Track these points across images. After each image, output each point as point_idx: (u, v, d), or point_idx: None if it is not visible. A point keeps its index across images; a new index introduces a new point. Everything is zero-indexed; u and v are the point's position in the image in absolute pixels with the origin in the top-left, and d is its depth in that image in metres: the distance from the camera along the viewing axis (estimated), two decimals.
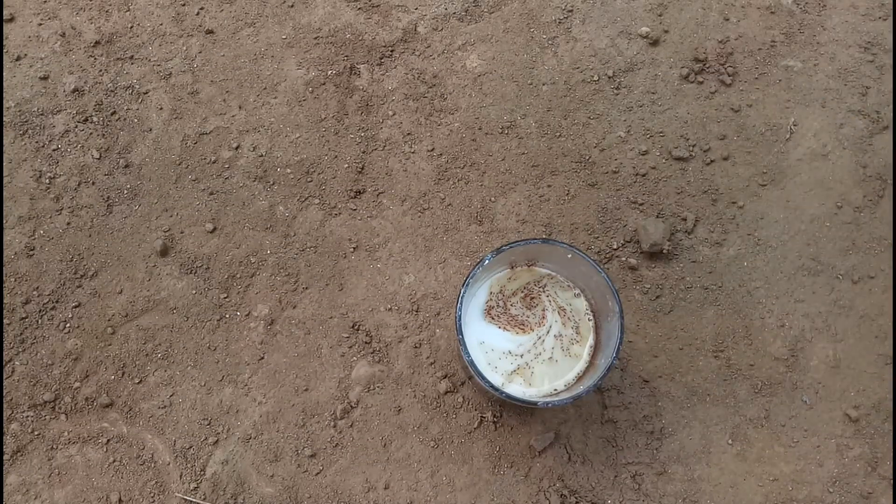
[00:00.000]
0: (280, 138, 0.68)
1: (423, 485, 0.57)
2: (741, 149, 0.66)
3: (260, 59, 0.71)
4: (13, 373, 0.60)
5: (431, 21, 0.73)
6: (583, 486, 0.56)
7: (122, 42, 0.72)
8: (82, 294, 0.62)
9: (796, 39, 0.70)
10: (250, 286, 0.63)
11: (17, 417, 0.58)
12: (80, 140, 0.68)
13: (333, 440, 0.58)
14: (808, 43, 0.70)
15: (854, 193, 0.64)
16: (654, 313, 0.61)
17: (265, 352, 0.61)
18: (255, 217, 0.65)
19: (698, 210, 0.64)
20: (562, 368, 0.51)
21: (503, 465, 0.57)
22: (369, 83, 0.70)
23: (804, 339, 0.60)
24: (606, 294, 0.48)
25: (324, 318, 0.62)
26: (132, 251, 0.64)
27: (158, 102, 0.69)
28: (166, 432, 0.58)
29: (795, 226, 0.64)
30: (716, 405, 0.58)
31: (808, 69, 0.69)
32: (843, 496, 0.56)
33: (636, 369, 0.59)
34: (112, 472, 0.57)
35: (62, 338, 0.61)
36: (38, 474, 0.57)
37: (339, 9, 0.73)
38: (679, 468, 0.57)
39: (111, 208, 0.65)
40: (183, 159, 0.67)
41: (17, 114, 0.68)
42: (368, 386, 0.59)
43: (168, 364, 0.60)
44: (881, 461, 0.57)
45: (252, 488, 0.56)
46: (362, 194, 0.66)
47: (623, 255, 0.63)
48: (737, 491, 0.56)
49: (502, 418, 0.58)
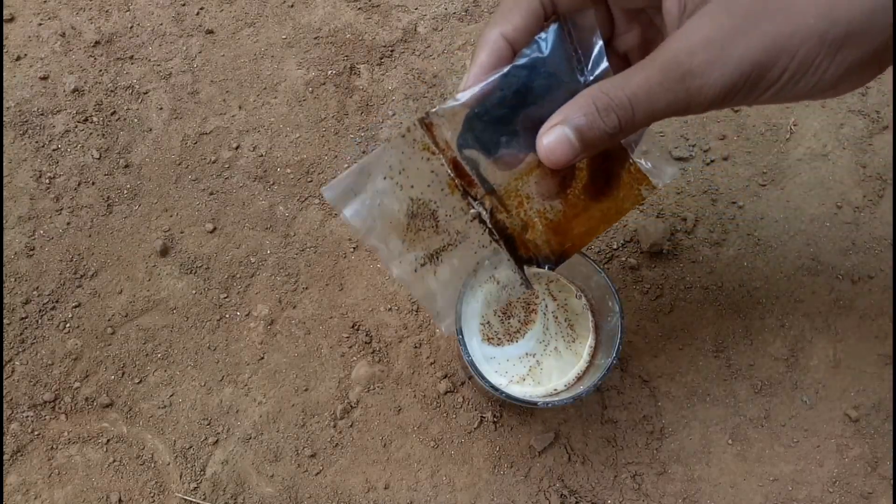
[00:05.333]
0: (280, 138, 0.68)
1: (423, 485, 0.57)
2: (741, 149, 0.66)
3: (260, 59, 0.71)
4: (13, 373, 0.60)
5: (431, 21, 0.73)
6: (583, 486, 0.56)
7: (122, 42, 0.72)
8: (82, 294, 0.62)
9: None
10: (250, 286, 0.63)
11: (17, 417, 0.58)
12: (80, 140, 0.68)
13: (333, 440, 0.58)
14: None
15: (854, 193, 0.64)
16: (654, 313, 0.61)
17: (265, 352, 0.61)
18: (255, 217, 0.65)
19: (698, 210, 0.64)
20: (567, 362, 0.50)
21: (503, 465, 0.57)
22: (369, 83, 0.70)
23: (804, 339, 0.60)
24: (606, 294, 0.48)
25: (324, 318, 0.62)
26: (132, 251, 0.64)
27: (158, 102, 0.69)
28: (166, 432, 0.58)
29: (795, 226, 0.64)
30: (716, 405, 0.58)
31: None
32: (843, 496, 0.56)
33: (636, 369, 0.59)
34: (112, 472, 0.57)
35: (62, 338, 0.61)
36: (38, 474, 0.57)
37: (339, 9, 0.73)
38: (679, 468, 0.57)
39: (111, 208, 0.65)
40: (183, 159, 0.67)
41: (17, 114, 0.68)
42: (368, 386, 0.59)
43: (168, 364, 0.60)
44: (881, 461, 0.57)
45: (252, 488, 0.57)
46: None
47: (623, 255, 0.63)
48: (737, 491, 0.56)
49: (502, 418, 0.58)
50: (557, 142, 0.34)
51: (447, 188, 0.40)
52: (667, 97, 0.32)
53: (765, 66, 0.31)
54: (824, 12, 0.30)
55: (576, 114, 0.33)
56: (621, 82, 0.32)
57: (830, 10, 0.30)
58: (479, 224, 0.40)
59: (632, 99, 0.32)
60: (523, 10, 0.36)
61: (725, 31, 0.30)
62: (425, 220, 0.41)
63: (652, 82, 0.31)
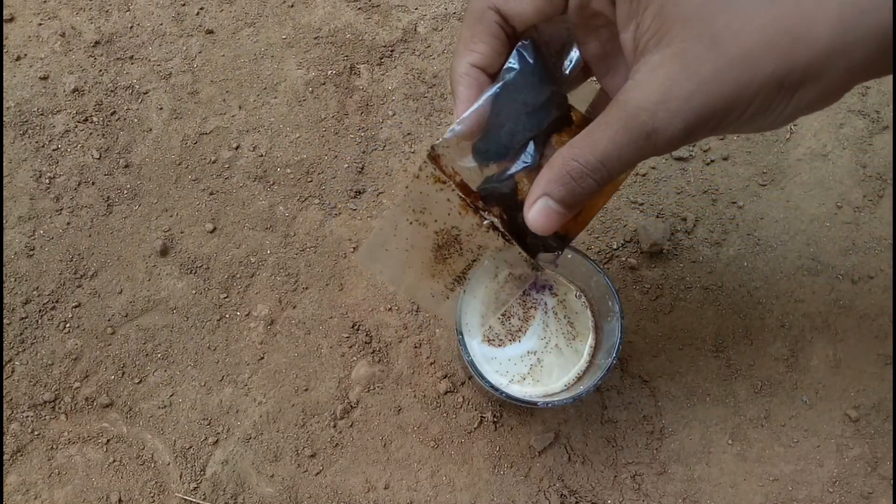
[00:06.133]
0: (280, 138, 0.68)
1: (423, 485, 0.57)
2: (741, 149, 0.66)
3: (260, 59, 0.71)
4: (13, 373, 0.60)
5: (431, 21, 0.73)
6: (583, 486, 0.56)
7: (122, 42, 0.72)
8: (82, 294, 0.62)
9: None
10: (250, 286, 0.63)
11: (17, 417, 0.58)
12: (80, 140, 0.68)
13: (333, 440, 0.58)
14: None
15: (854, 193, 0.64)
16: (654, 313, 0.61)
17: (265, 352, 0.61)
18: (255, 217, 0.65)
19: (698, 210, 0.64)
20: (568, 360, 0.50)
21: (503, 465, 0.57)
22: (369, 83, 0.70)
23: (804, 339, 0.60)
24: (606, 294, 0.48)
25: (324, 318, 0.62)
26: (132, 251, 0.64)
27: (158, 102, 0.69)
28: (166, 432, 0.58)
29: (795, 226, 0.64)
30: (716, 405, 0.58)
31: None
32: (843, 496, 0.56)
33: (636, 369, 0.59)
34: (112, 472, 0.57)
35: (62, 338, 0.61)
36: (38, 474, 0.57)
37: (339, 9, 0.73)
38: (679, 468, 0.57)
39: (111, 208, 0.65)
40: (183, 159, 0.67)
41: (17, 114, 0.68)
42: (368, 386, 0.59)
43: (168, 364, 0.60)
44: (881, 461, 0.57)
45: (252, 488, 0.57)
46: (362, 194, 0.66)
47: (623, 255, 0.63)
48: (737, 491, 0.56)
49: (502, 418, 0.58)
50: (544, 214, 0.36)
51: (462, 211, 0.42)
52: (636, 154, 0.33)
53: (724, 112, 0.31)
54: (782, 56, 0.29)
55: (554, 187, 0.35)
56: (590, 146, 0.33)
57: (789, 53, 0.29)
58: (494, 231, 0.43)
59: (604, 161, 0.33)
60: (485, 36, 0.37)
61: (684, 82, 0.30)
62: (451, 248, 0.44)
63: (620, 143, 0.33)
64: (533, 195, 0.36)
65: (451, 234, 0.44)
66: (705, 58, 0.30)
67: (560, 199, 0.35)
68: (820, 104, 0.33)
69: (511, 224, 0.42)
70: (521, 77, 0.38)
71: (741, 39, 0.30)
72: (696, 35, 0.30)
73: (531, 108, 0.38)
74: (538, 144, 0.39)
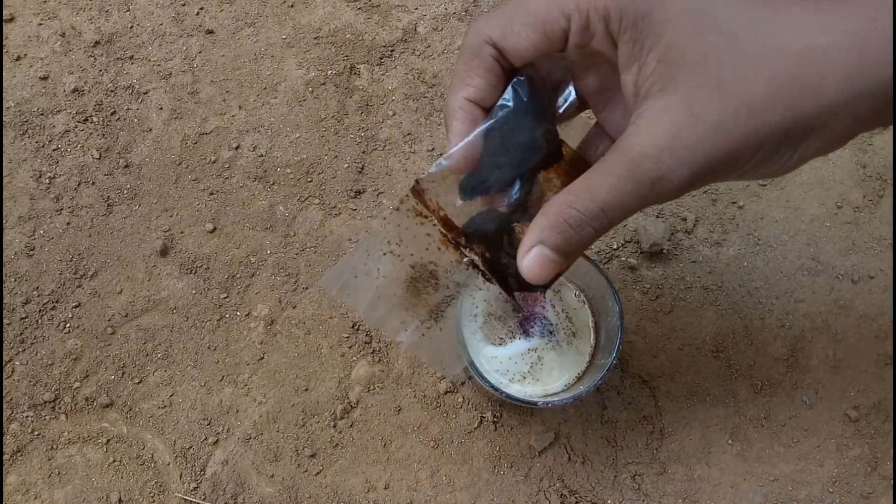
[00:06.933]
0: (280, 138, 0.68)
1: (423, 485, 0.57)
2: None
3: (260, 59, 0.71)
4: (13, 373, 0.60)
5: (431, 21, 0.73)
6: (583, 486, 0.56)
7: (122, 42, 0.72)
8: (82, 294, 0.62)
9: None
10: (250, 286, 0.63)
11: (17, 417, 0.58)
12: (80, 140, 0.68)
13: (333, 440, 0.58)
14: None
15: (854, 193, 0.64)
16: (654, 313, 0.61)
17: (265, 352, 0.61)
18: (255, 217, 0.65)
19: (698, 210, 0.64)
20: (568, 357, 0.51)
21: (503, 465, 0.57)
22: (369, 83, 0.70)
23: (804, 339, 0.60)
24: (606, 294, 0.48)
25: (324, 318, 0.62)
26: (132, 251, 0.64)
27: (158, 102, 0.69)
28: (166, 432, 0.58)
29: (795, 226, 0.64)
30: (716, 405, 0.58)
31: None
32: (843, 496, 0.56)
33: (636, 369, 0.59)
34: (112, 472, 0.57)
35: (62, 338, 0.61)
36: (38, 474, 0.57)
37: (339, 9, 0.73)
38: (679, 468, 0.57)
39: (111, 208, 0.65)
40: (183, 159, 0.67)
41: (17, 114, 0.68)
42: (368, 386, 0.59)
43: (168, 364, 0.60)
44: (881, 461, 0.57)
45: (252, 488, 0.57)
46: (362, 194, 0.66)
47: (623, 255, 0.63)
48: (737, 491, 0.56)
49: (502, 418, 0.58)
50: (538, 263, 0.34)
51: (441, 246, 0.41)
52: (639, 202, 0.32)
53: (730, 160, 0.31)
54: (788, 106, 0.29)
55: (550, 234, 0.34)
56: (589, 193, 0.32)
57: (795, 103, 0.29)
58: (474, 269, 0.42)
59: (604, 209, 0.32)
60: (480, 70, 0.36)
61: (691, 129, 0.30)
62: (426, 282, 0.43)
63: (622, 191, 0.31)
64: (527, 243, 0.35)
65: (428, 269, 0.43)
66: (712, 105, 0.30)
67: (556, 247, 0.34)
68: (825, 151, 0.32)
69: (493, 262, 0.41)
70: (514, 115, 0.37)
71: (749, 88, 0.29)
72: (702, 82, 0.30)
73: (522, 147, 0.37)
74: (524, 181, 0.38)
